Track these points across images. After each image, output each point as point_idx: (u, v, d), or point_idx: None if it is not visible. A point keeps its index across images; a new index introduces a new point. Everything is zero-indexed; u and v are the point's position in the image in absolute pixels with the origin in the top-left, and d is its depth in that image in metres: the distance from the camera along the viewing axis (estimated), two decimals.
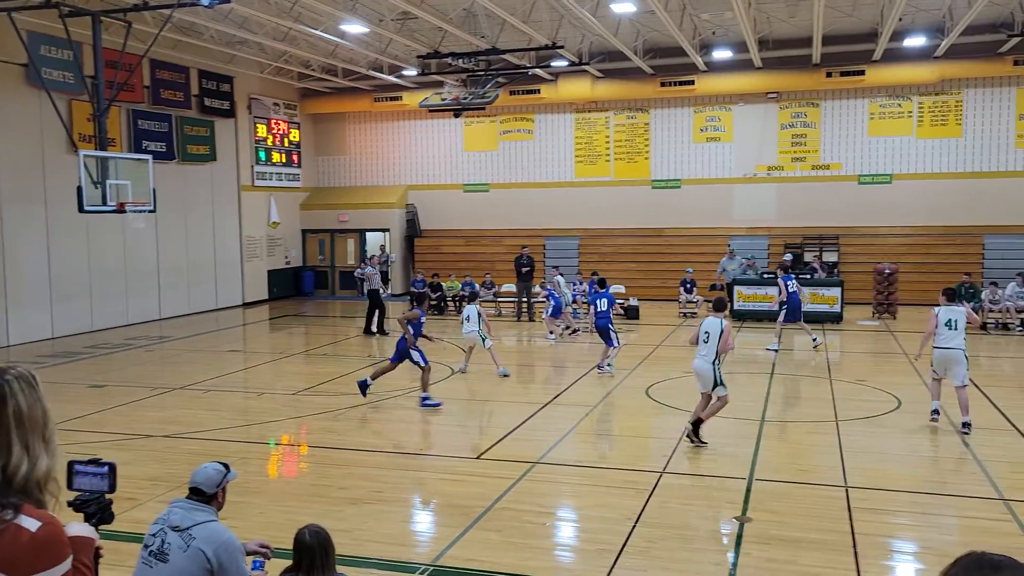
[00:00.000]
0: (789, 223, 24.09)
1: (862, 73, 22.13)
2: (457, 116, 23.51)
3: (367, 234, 27.62)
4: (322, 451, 9.71)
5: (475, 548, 6.61)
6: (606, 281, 15.43)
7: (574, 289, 21.73)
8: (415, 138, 27.47)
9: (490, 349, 14.06)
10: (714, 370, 9.39)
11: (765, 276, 20.58)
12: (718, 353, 9.41)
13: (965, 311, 10.38)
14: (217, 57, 22.25)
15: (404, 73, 23.67)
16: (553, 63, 22.29)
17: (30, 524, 2.13)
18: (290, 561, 4.04)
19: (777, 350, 15.70)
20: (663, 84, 23.65)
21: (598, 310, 14.14)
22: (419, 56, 21.00)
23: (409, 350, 11.76)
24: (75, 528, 2.40)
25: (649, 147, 25.28)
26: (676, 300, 21.74)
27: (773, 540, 6.71)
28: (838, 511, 7.37)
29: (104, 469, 2.62)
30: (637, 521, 7.11)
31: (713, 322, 9.55)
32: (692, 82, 23.38)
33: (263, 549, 4.20)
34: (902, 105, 23.19)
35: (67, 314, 18.97)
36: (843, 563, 6.28)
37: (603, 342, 13.99)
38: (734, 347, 10.14)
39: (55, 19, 14.86)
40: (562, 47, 19.71)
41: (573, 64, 22.12)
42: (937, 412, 10.27)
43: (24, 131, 17.83)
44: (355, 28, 18.57)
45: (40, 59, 17.02)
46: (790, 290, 16.26)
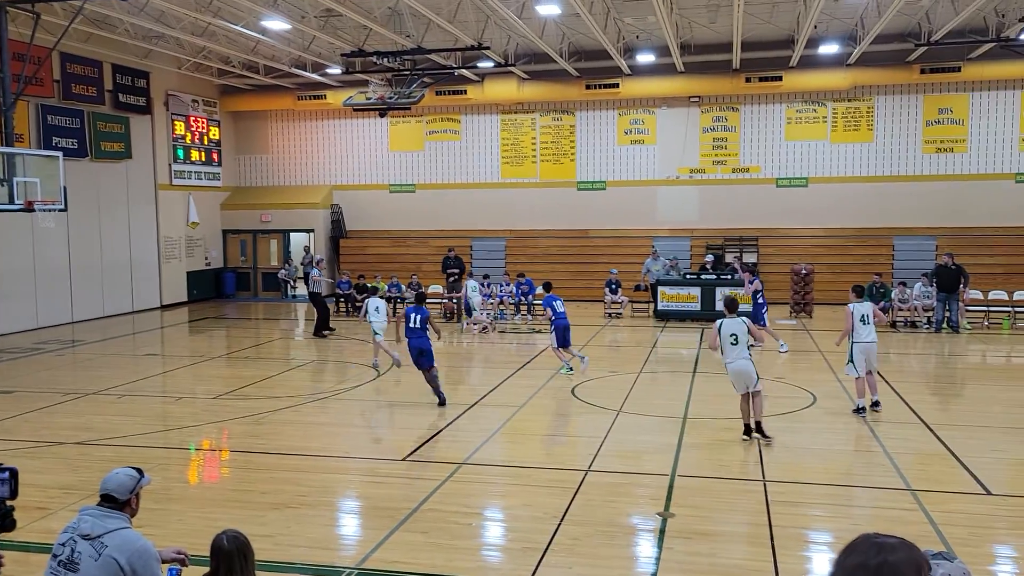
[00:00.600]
0: (711, 225, 24.67)
1: (779, 79, 22.84)
2: (382, 116, 23.32)
3: (291, 235, 27.13)
4: (244, 455, 9.49)
5: (401, 550, 6.57)
6: (551, 285, 15.66)
7: (501, 290, 21.82)
8: (340, 138, 27.13)
9: (380, 342, 14.40)
10: (754, 366, 9.71)
11: (687, 277, 21.01)
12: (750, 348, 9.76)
13: (872, 306, 11.15)
14: (132, 51, 21.53)
15: (328, 71, 23.35)
16: (479, 64, 22.32)
17: None
18: (207, 568, 3.94)
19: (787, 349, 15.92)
20: (588, 87, 23.96)
21: (557, 311, 14.11)
22: (343, 54, 20.75)
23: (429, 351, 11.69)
24: None
25: (575, 149, 25.54)
26: (601, 301, 22.01)
27: (695, 534, 6.86)
28: (757, 505, 7.58)
29: (4, 475, 2.50)
30: (562, 519, 7.17)
31: (734, 323, 9.74)
32: (616, 85, 23.74)
33: (179, 556, 4.08)
34: (817, 110, 24.01)
35: None
36: (762, 555, 6.46)
37: (561, 343, 13.97)
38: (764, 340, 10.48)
39: None
40: (488, 48, 19.76)
41: (499, 65, 22.18)
42: (864, 410, 10.74)
43: None
44: (277, 24, 18.22)
45: None
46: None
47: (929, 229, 23.25)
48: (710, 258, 22.21)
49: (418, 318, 11.79)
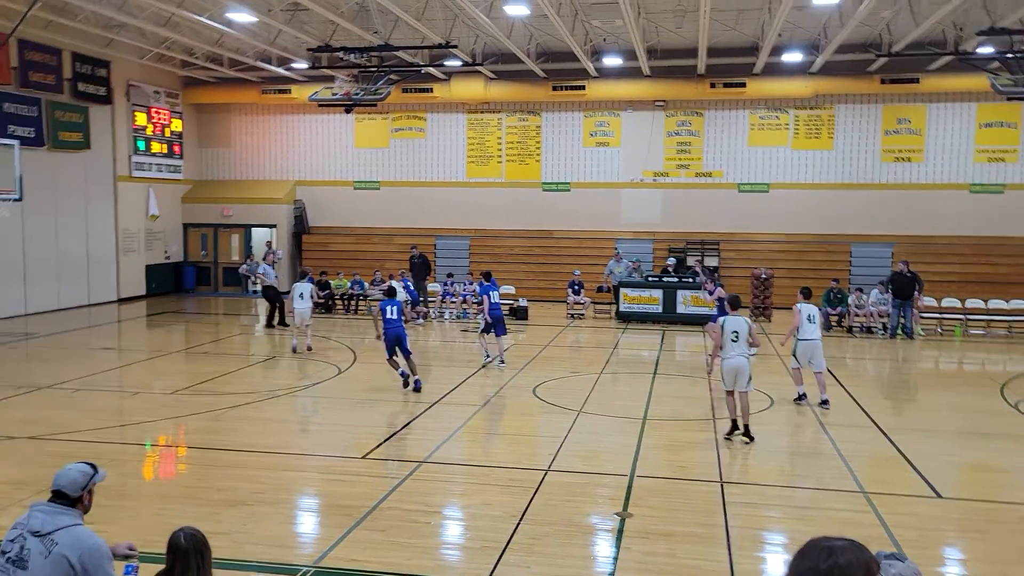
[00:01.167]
0: (673, 228, 24.89)
1: (743, 85, 23.13)
2: (348, 112, 23.13)
3: (253, 230, 26.81)
4: (201, 452, 9.37)
5: (359, 548, 6.54)
6: (491, 274, 16.12)
7: (464, 288, 21.81)
8: (304, 133, 26.89)
9: (308, 326, 15.86)
10: (750, 366, 9.91)
11: (650, 279, 21.18)
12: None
13: (817, 308, 11.96)
14: (93, 40, 21.11)
15: (293, 66, 23.11)
16: (446, 62, 22.27)
17: None
18: (163, 565, 3.89)
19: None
20: (555, 88, 24.04)
21: (492, 301, 14.73)
22: (309, 49, 20.54)
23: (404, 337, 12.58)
24: None
25: (540, 150, 25.60)
26: (564, 302, 22.10)
27: (652, 534, 6.92)
28: (713, 505, 7.68)
29: None
30: (521, 518, 7.20)
31: (737, 320, 10.03)
32: (583, 87, 23.86)
33: (131, 552, 4.03)
34: (780, 117, 24.35)
35: None
36: (718, 555, 6.54)
37: (496, 333, 14.61)
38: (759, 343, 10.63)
39: None
40: (455, 46, 19.71)
41: (466, 64, 22.16)
42: (804, 396, 11.73)
43: None
44: (242, 17, 18.01)
45: None
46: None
47: (886, 236, 23.71)
48: (672, 261, 22.41)
49: (394, 309, 12.65)
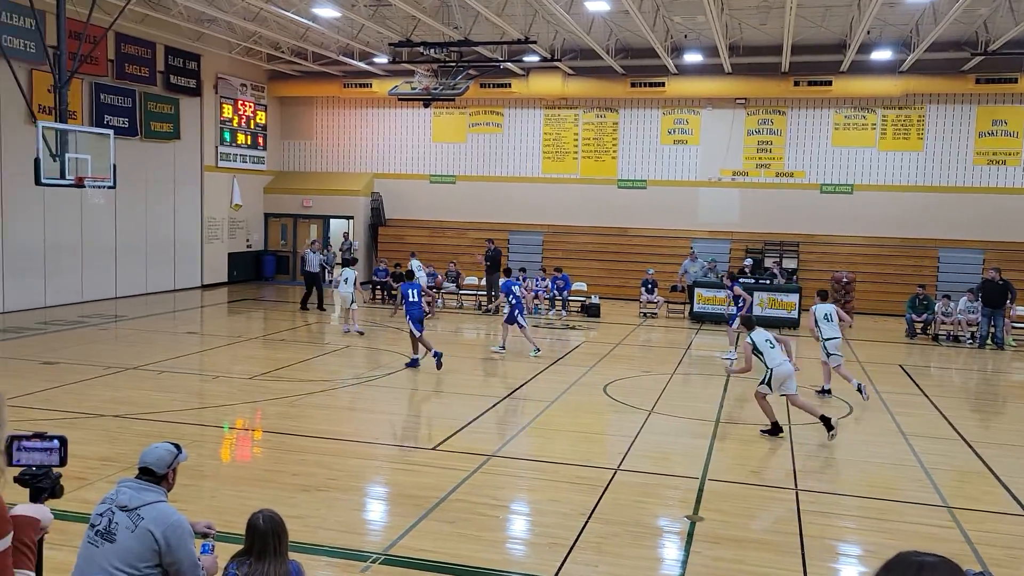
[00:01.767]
0: (751, 228, 24.40)
1: (829, 84, 22.49)
2: (427, 106, 23.41)
3: (331, 221, 27.37)
4: (276, 437, 9.61)
5: (427, 539, 6.60)
6: (511, 270, 17.26)
7: (536, 285, 21.83)
8: (383, 126, 27.28)
9: (354, 310, 16.93)
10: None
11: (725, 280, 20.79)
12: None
13: (835, 307, 12.90)
14: (185, 34, 21.86)
15: (375, 60, 23.48)
16: (525, 58, 22.30)
17: None
18: (241, 545, 4.00)
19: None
20: (633, 85, 23.81)
21: (515, 295, 15.65)
22: (391, 44, 20.85)
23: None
24: (22, 508, 2.35)
25: (617, 147, 25.40)
26: (637, 300, 21.90)
27: (722, 539, 6.80)
28: (787, 513, 7.50)
29: (55, 443, 2.56)
30: (590, 517, 7.15)
31: (763, 332, 10.49)
32: (662, 84, 23.57)
33: (209, 530, 4.15)
34: (866, 117, 23.60)
35: (20, 289, 18.54)
36: (790, 564, 6.38)
37: (510, 320, 15.40)
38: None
39: None
40: (535, 42, 19.72)
41: (545, 60, 22.13)
42: (829, 391, 12.48)
43: None
44: (327, 12, 18.38)
45: (1, 27, 16.57)
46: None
47: (976, 242, 22.76)
48: (749, 262, 21.96)
49: (415, 292, 13.87)
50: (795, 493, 8.04)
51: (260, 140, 26.85)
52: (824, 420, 9.82)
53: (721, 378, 13.77)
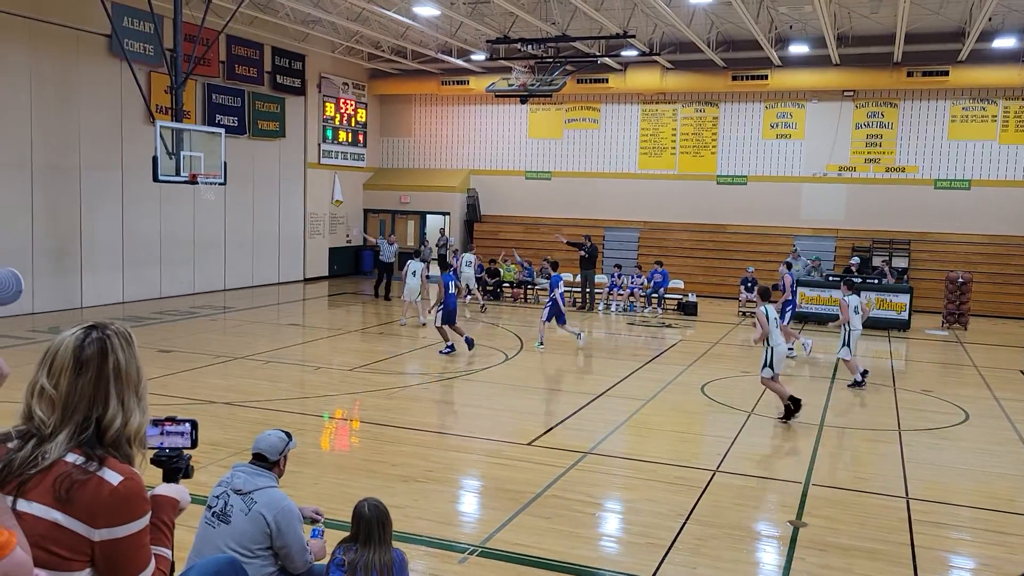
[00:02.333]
0: (858, 225, 23.49)
1: (946, 74, 21.39)
2: (523, 102, 23.46)
3: (428, 217, 27.80)
4: (375, 427, 9.81)
5: (523, 533, 6.61)
6: (558, 264, 17.41)
7: (632, 282, 21.60)
8: (480, 123, 27.51)
9: (418, 302, 17.64)
10: None
11: (830, 279, 20.10)
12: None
13: (860, 299, 13.21)
14: (291, 35, 22.58)
15: (472, 57, 23.69)
16: (623, 52, 22.06)
17: (112, 477, 2.18)
18: (345, 532, 4.09)
19: (796, 355, 15.19)
20: (735, 78, 23.25)
21: (558, 290, 15.51)
22: (488, 41, 20.99)
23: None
24: (163, 488, 2.46)
25: (716, 141, 24.87)
26: (736, 299, 21.40)
27: (828, 547, 6.56)
28: (897, 522, 7.17)
29: (186, 427, 2.70)
30: (688, 518, 7.02)
31: (771, 310, 10.54)
32: (765, 77, 22.93)
33: (317, 516, 4.26)
34: (987, 109, 22.36)
35: (138, 280, 19.56)
36: (901, 574, 6.11)
37: (558, 321, 15.40)
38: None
39: None
40: (633, 36, 19.49)
41: (643, 54, 21.85)
42: (865, 374, 12.62)
43: (105, 100, 18.37)
44: (427, 10, 18.64)
45: (123, 31, 17.49)
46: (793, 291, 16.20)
47: None
48: (856, 260, 21.14)
49: (453, 284, 14.48)
50: (906, 502, 7.68)
51: (360, 137, 27.49)
52: (793, 400, 10.17)
53: (825, 380, 13.31)
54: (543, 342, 15.32)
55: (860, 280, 19.53)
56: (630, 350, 16.61)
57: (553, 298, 15.33)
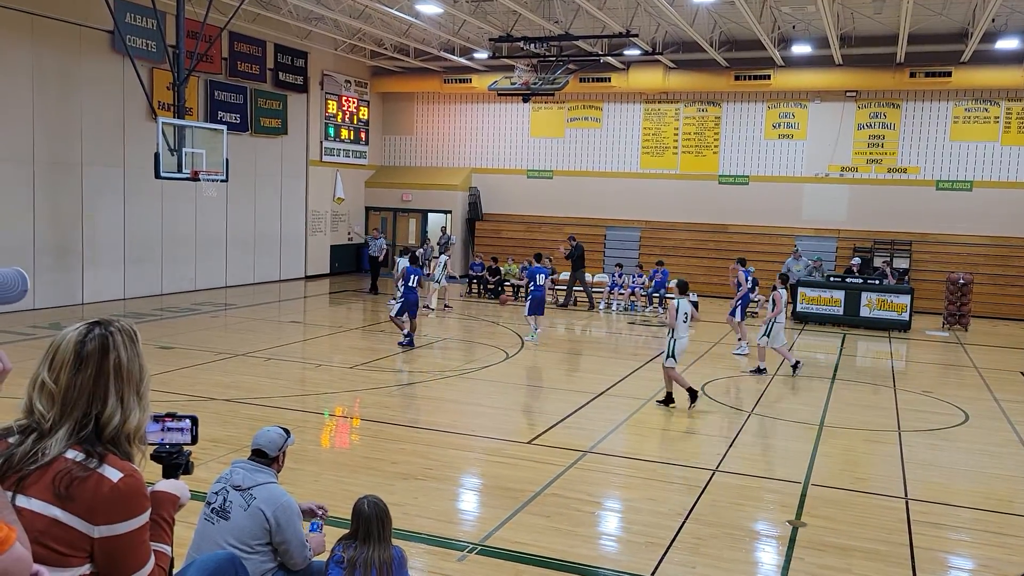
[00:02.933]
0: (860, 226, 23.48)
1: (948, 75, 21.37)
2: (526, 101, 23.45)
3: (429, 215, 27.80)
4: (375, 425, 9.82)
5: (523, 531, 6.62)
6: (541, 256, 18.03)
7: (633, 281, 21.60)
8: (482, 121, 27.50)
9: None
10: None
11: (831, 279, 20.11)
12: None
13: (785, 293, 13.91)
14: (293, 32, 22.59)
15: (475, 56, 23.68)
16: (625, 52, 22.06)
17: (112, 474, 2.19)
18: (345, 529, 4.10)
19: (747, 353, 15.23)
20: (737, 78, 23.23)
21: (537, 284, 15.91)
22: (491, 39, 20.98)
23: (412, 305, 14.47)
24: (163, 485, 2.47)
25: (719, 141, 24.86)
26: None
27: (827, 547, 6.57)
28: (896, 522, 7.18)
29: (186, 423, 2.72)
30: (687, 517, 7.03)
31: (686, 303, 11.10)
32: (768, 77, 22.91)
33: (319, 510, 4.27)
34: (989, 110, 22.34)
35: (139, 276, 19.57)
36: (900, 575, 6.11)
37: (533, 311, 15.76)
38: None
39: None
40: (636, 35, 19.47)
41: (646, 53, 21.84)
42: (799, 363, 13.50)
43: (107, 97, 18.38)
44: (430, 8, 18.63)
45: (125, 27, 17.49)
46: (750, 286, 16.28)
47: None
48: (857, 261, 21.14)
49: (416, 278, 14.62)
50: (905, 502, 7.69)
51: (362, 135, 27.49)
52: (689, 391, 10.76)
53: (825, 381, 13.32)
54: (536, 333, 15.85)
55: (862, 280, 19.54)
56: (630, 349, 16.61)
57: (532, 292, 15.89)
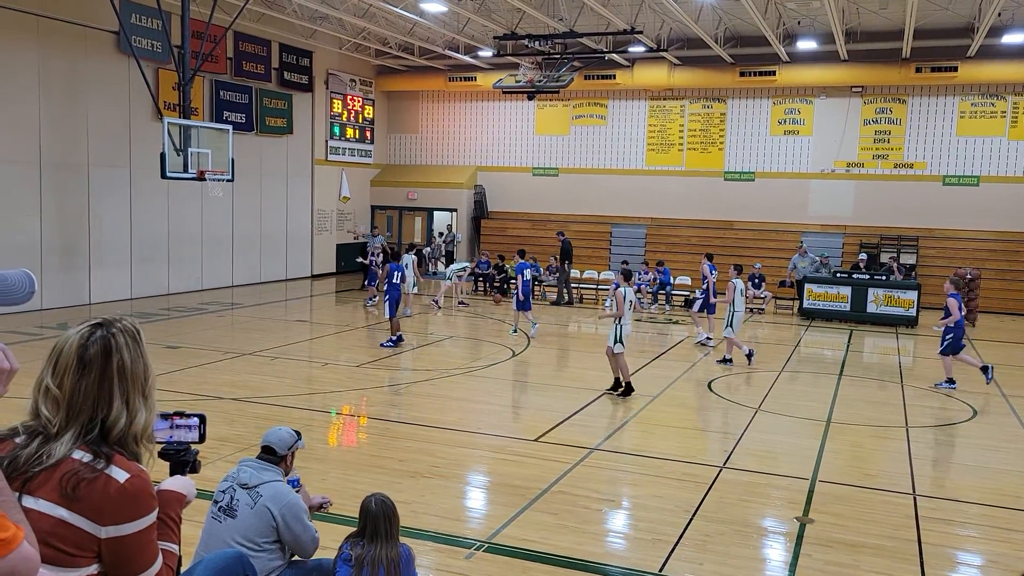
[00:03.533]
0: (866, 222, 23.42)
1: (954, 70, 21.28)
2: (531, 99, 23.43)
3: (435, 213, 27.81)
4: (382, 423, 9.84)
5: (530, 529, 6.62)
6: (525, 252, 18.04)
7: (639, 279, 21.56)
8: (487, 119, 27.50)
9: (408, 294, 17.48)
10: None
11: (838, 275, 20.06)
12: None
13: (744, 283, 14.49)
14: (298, 32, 22.61)
15: (480, 54, 23.68)
16: (630, 48, 22.03)
17: (119, 475, 2.19)
18: (352, 527, 4.11)
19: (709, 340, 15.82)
20: (742, 74, 23.18)
21: (524, 278, 16.01)
22: (496, 37, 20.97)
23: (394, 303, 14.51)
24: (169, 483, 2.47)
25: (724, 138, 24.81)
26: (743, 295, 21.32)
27: (835, 543, 6.55)
28: (904, 519, 7.16)
29: (195, 421, 2.72)
30: (694, 514, 7.02)
31: (631, 292, 11.33)
32: (773, 73, 22.85)
33: (325, 502, 4.29)
34: (995, 104, 22.25)
35: (146, 276, 19.63)
36: (907, 571, 6.10)
37: (520, 307, 16.02)
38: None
39: None
40: (640, 32, 19.45)
41: (651, 50, 21.81)
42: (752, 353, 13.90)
43: (113, 97, 18.43)
44: (434, 7, 18.63)
45: (131, 27, 17.54)
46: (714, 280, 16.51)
47: None
48: (863, 257, 21.08)
49: (399, 274, 14.81)
50: (912, 498, 7.67)
51: (368, 134, 27.52)
52: (626, 384, 11.14)
53: (832, 377, 13.29)
54: (533, 326, 16.04)
55: (868, 276, 19.49)
56: (637, 346, 16.56)
57: (518, 286, 16.12)
